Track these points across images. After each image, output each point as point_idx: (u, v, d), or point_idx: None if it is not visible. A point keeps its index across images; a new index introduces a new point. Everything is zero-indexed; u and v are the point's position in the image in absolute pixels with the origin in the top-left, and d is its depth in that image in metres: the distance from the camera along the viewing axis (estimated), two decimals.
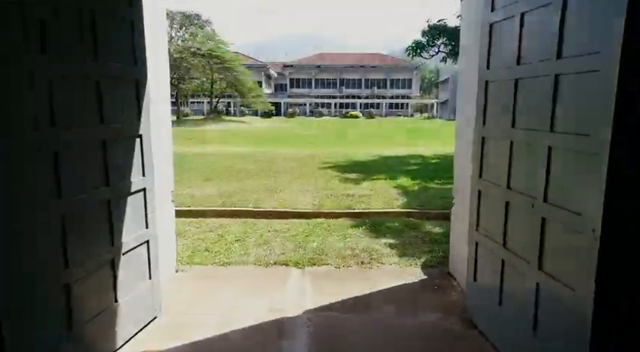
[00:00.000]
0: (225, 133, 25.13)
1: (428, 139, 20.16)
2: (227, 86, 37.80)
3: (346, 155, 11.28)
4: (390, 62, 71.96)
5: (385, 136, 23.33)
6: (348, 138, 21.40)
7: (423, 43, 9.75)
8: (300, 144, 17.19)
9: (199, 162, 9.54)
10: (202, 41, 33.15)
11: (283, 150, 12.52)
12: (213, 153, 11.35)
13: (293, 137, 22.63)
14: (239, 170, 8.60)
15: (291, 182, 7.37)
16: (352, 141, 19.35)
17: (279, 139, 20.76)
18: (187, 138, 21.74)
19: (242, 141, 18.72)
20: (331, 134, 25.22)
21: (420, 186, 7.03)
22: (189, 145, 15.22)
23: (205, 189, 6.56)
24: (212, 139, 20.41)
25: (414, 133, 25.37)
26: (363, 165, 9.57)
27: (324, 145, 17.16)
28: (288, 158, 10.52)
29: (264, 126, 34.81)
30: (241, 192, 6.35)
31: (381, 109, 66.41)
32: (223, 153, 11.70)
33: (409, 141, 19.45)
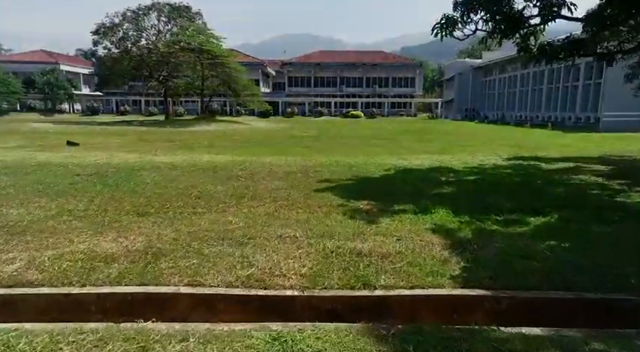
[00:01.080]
0: (213, 135, 22.58)
1: (443, 143, 17.58)
2: (220, 84, 35.26)
3: (351, 167, 8.71)
4: (392, 60, 69.46)
5: (391, 138, 20.77)
6: (350, 141, 18.84)
7: (455, 18, 7.17)
8: (294, 150, 14.63)
9: (148, 181, 6.98)
10: (191, 35, 30.59)
11: (272, 159, 9.95)
12: (180, 165, 8.79)
13: (288, 139, 20.08)
14: (199, 194, 6.04)
15: (269, 219, 4.81)
16: (355, 145, 16.79)
17: (271, 143, 18.20)
18: (169, 141, 19.25)
19: (227, 146, 16.16)
20: (331, 135, 22.67)
21: (471, 226, 4.48)
22: (165, 150, 12.67)
23: (108, 241, 4.03)
24: (196, 143, 17.86)
25: (423, 134, 22.81)
26: (375, 184, 7.00)
27: (323, 151, 14.60)
28: (275, 172, 7.96)
29: (259, 127, 32.25)
30: (177, 248, 3.81)
31: (383, 108, 63.87)
32: (194, 163, 9.13)
33: (422, 144, 16.88)
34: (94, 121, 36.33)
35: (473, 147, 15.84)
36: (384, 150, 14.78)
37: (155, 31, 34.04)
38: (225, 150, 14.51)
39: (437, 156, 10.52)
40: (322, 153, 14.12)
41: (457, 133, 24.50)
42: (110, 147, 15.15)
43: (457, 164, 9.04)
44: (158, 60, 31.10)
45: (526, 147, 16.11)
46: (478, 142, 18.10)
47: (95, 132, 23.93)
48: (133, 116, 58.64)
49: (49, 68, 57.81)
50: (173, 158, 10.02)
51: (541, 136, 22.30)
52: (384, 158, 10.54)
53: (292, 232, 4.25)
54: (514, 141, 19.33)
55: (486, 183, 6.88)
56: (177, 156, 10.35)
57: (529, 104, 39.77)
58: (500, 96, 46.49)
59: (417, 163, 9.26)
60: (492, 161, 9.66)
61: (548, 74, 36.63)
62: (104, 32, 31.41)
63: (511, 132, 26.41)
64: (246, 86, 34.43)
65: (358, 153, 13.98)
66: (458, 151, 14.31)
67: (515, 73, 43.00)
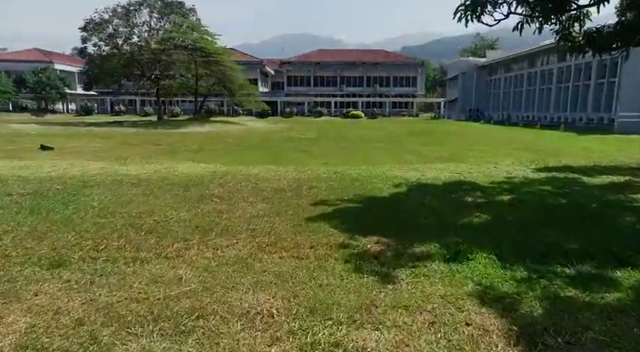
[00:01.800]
0: (205, 137, 21.09)
1: (453, 146, 16.04)
2: (215, 83, 33.77)
3: (353, 181, 7.22)
4: (393, 58, 68.00)
5: (395, 140, 19.27)
6: (351, 144, 17.35)
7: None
8: (290, 156, 13.14)
9: (95, 204, 5.50)
10: (184, 32, 29.10)
11: (260, 170, 8.45)
12: (147, 179, 7.30)
13: (285, 142, 18.58)
14: (153, 225, 4.55)
15: (238, 273, 3.34)
16: (357, 149, 15.31)
17: (266, 146, 16.72)
18: (155, 144, 17.74)
19: (218, 150, 14.67)
20: (331, 137, 21.17)
21: (535, 289, 3.01)
22: (143, 157, 11.16)
23: None
24: (183, 146, 16.39)
25: (429, 136, 21.27)
26: (384, 207, 5.51)
27: (321, 156, 13.13)
28: (261, 189, 6.49)
29: (255, 128, 30.76)
30: (71, 347, 2.35)
31: (384, 108, 62.40)
32: (165, 176, 7.64)
33: (430, 147, 15.37)
34: (84, 122, 34.85)
35: (487, 152, 14.36)
36: (389, 155, 13.31)
37: (147, 28, 32.57)
38: (213, 156, 13.05)
39: (453, 165, 8.99)
40: (320, 159, 12.68)
41: (465, 135, 23.02)
42: (84, 152, 13.69)
43: (479, 177, 7.54)
44: (150, 58, 29.60)
45: (544, 152, 14.63)
46: (491, 146, 16.61)
47: (78, 134, 22.44)
48: (127, 116, 57.17)
49: (42, 66, 56.38)
50: (144, 168, 8.52)
51: (556, 138, 20.80)
52: (391, 167, 9.04)
53: (268, 304, 2.77)
54: (528, 144, 17.84)
55: (527, 206, 5.39)
56: (150, 166, 8.84)
57: (536, 104, 38.25)
58: (506, 96, 44.98)
59: (431, 175, 7.77)
60: (519, 172, 8.17)
61: (557, 72, 35.12)
62: (92, 29, 29.93)
63: (522, 133, 24.92)
64: (242, 86, 32.94)
65: (360, 159, 12.52)
66: (473, 157, 12.84)
67: (522, 72, 41.48)
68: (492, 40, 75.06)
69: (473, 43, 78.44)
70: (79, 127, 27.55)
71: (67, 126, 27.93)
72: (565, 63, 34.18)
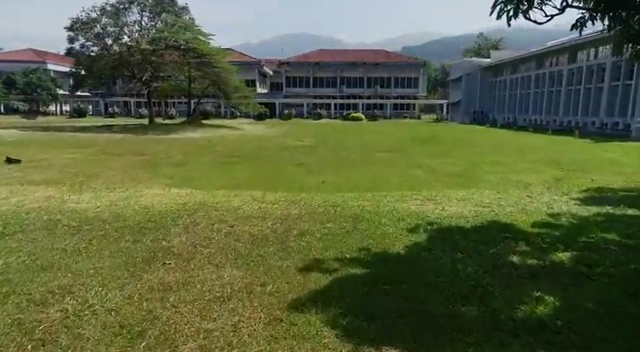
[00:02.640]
0: (194, 145, 19.51)
1: (465, 158, 14.42)
2: (210, 85, 32.22)
3: (356, 221, 5.68)
4: (395, 59, 66.50)
5: (400, 149, 17.64)
6: (352, 154, 15.79)
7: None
8: (283, 171, 11.57)
9: None
10: (176, 32, 27.54)
11: (242, 201, 6.91)
12: (87, 220, 5.73)
13: (280, 151, 16.96)
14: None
15: None
16: (359, 162, 13.76)
17: (259, 157, 15.15)
18: (138, 154, 16.11)
19: (204, 163, 13.10)
20: (330, 145, 19.58)
21: None
22: (121, 171, 9.52)
23: None
24: (167, 157, 14.86)
25: (436, 144, 19.64)
26: (405, 282, 3.93)
27: (318, 171, 11.57)
28: (236, 237, 4.95)
29: (251, 133, 29.21)
30: None
31: (385, 110, 60.92)
32: (115, 215, 6.08)
33: (440, 160, 13.75)
34: (73, 125, 33.28)
35: (504, 166, 12.82)
36: (395, 171, 11.76)
37: (137, 28, 31.02)
38: (196, 172, 11.52)
39: (476, 193, 7.37)
40: (318, 175, 11.16)
41: (475, 142, 21.44)
42: (53, 167, 12.16)
43: (514, 214, 5.97)
44: (140, 59, 28.04)
45: (568, 165, 13.08)
46: (506, 157, 15.06)
47: (60, 140, 20.88)
48: (121, 118, 55.62)
49: (35, 67, 54.86)
50: (100, 199, 6.93)
51: (574, 147, 19.23)
52: (401, 195, 7.46)
53: None
54: (547, 154, 16.28)
55: (603, 278, 3.83)
56: (109, 196, 7.22)
57: (545, 107, 36.70)
58: (512, 98, 43.42)
59: (453, 211, 6.21)
60: (561, 205, 6.60)
61: (568, 74, 33.57)
62: (79, 28, 28.36)
63: (535, 140, 23.36)
64: (238, 88, 31.38)
65: (363, 176, 11.00)
66: (490, 173, 11.29)
67: (529, 73, 39.93)
68: (496, 40, 73.51)
69: (476, 43, 76.89)
70: (63, 133, 25.97)
71: (52, 132, 26.37)
72: (575, 64, 32.66)
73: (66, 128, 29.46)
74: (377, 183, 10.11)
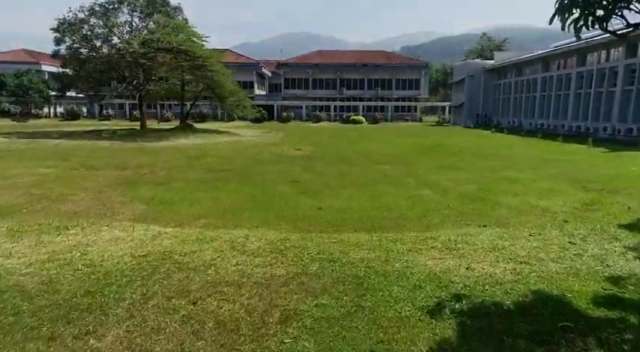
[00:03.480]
0: (183, 156, 18.14)
1: (476, 171, 12.97)
2: (204, 89, 30.88)
3: (360, 297, 4.35)
4: (396, 60, 65.19)
5: (405, 160, 16.22)
6: (352, 169, 14.43)
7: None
8: (274, 191, 10.19)
9: None
10: (167, 34, 26.18)
11: (215, 253, 5.56)
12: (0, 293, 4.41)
13: (275, 163, 15.58)
14: None
15: None
16: (360, 180, 12.40)
17: (249, 172, 13.77)
18: (120, 168, 14.43)
19: (186, 182, 11.70)
20: (329, 156, 18.17)
21: None
22: (95, 192, 8.08)
23: None
24: (150, 172, 13.53)
25: (443, 154, 18.17)
26: None
27: (314, 192, 10.20)
28: (193, 330, 3.64)
29: (245, 138, 27.87)
30: None
31: (386, 112, 59.64)
32: (40, 289, 4.75)
33: (449, 175, 12.34)
34: (60, 130, 31.97)
35: (522, 184, 11.47)
36: (401, 191, 10.41)
37: (128, 29, 29.67)
38: (179, 194, 10.19)
39: (507, 241, 5.92)
40: (314, 197, 9.87)
41: (483, 152, 20.08)
42: (17, 187, 10.81)
43: (565, 279, 4.60)
44: (131, 62, 26.69)
45: (594, 183, 11.76)
46: (522, 173, 13.70)
47: (39, 150, 19.50)
48: (115, 121, 54.27)
49: (27, 68, 53.53)
50: (36, 251, 5.54)
51: (592, 158, 17.86)
52: (414, 240, 6.11)
53: None
54: (564, 167, 14.92)
55: None
56: (49, 246, 5.84)
57: (552, 111, 35.35)
58: (517, 101, 42.08)
59: (483, 271, 4.86)
60: (620, 260, 5.24)
61: (577, 77, 32.22)
62: (65, 29, 27.01)
63: (547, 149, 22.02)
64: (234, 92, 30.03)
65: (366, 199, 9.67)
66: (507, 194, 9.94)
67: (535, 76, 38.57)
68: (499, 41, 72.14)
69: (479, 44, 75.51)
70: (48, 140, 24.61)
71: (35, 139, 25.01)
72: (585, 67, 31.32)
73: (52, 134, 28.10)
74: (382, 210, 8.80)
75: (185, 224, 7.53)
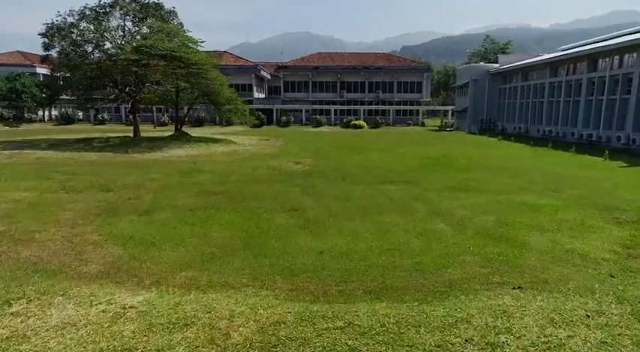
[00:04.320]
0: (175, 171, 16.91)
1: (494, 193, 11.67)
2: (199, 96, 29.71)
3: None
4: (397, 63, 64.02)
5: (412, 177, 14.92)
6: (356, 189, 13.23)
7: None
8: (269, 224, 8.90)
9: None
10: (160, 39, 24.99)
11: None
12: None
13: (270, 183, 14.22)
14: None
15: None
16: (366, 204, 11.21)
17: (243, 196, 12.56)
18: (103, 190, 12.98)
19: (174, 210, 10.50)
20: (330, 171, 16.91)
21: None
22: (67, 226, 6.81)
23: None
24: (135, 196, 12.33)
25: (454, 169, 16.81)
26: None
27: (314, 224, 8.94)
28: None
29: (242, 148, 26.68)
30: None
31: (388, 116, 58.49)
32: None
33: (459, 198, 10.99)
34: (50, 138, 30.75)
35: (548, 215, 10.24)
36: (414, 230, 9.19)
37: (121, 33, 28.48)
38: (161, 229, 9.01)
39: (562, 328, 4.75)
40: (315, 233, 8.75)
41: (493, 165, 18.85)
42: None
43: None
44: (122, 68, 25.51)
45: (625, 211, 10.57)
46: (542, 196, 12.49)
47: (20, 166, 18.26)
48: (110, 125, 53.16)
49: (22, 71, 52.35)
50: None
51: (614, 176, 16.63)
52: (442, 317, 4.93)
53: None
54: (587, 188, 13.70)
55: None
56: None
57: (560, 118, 34.16)
58: (523, 107, 40.90)
59: None
60: None
61: (587, 83, 31.03)
62: (54, 35, 25.82)
63: (561, 162, 20.79)
64: (230, 99, 28.85)
65: (373, 236, 8.51)
66: (531, 228, 8.75)
67: (542, 81, 37.38)
68: (503, 43, 70.95)
69: (482, 46, 74.29)
70: (34, 151, 23.38)
71: (21, 150, 23.78)
72: (597, 73, 30.13)
73: (41, 143, 26.86)
74: (393, 255, 7.67)
75: (162, 280, 6.38)
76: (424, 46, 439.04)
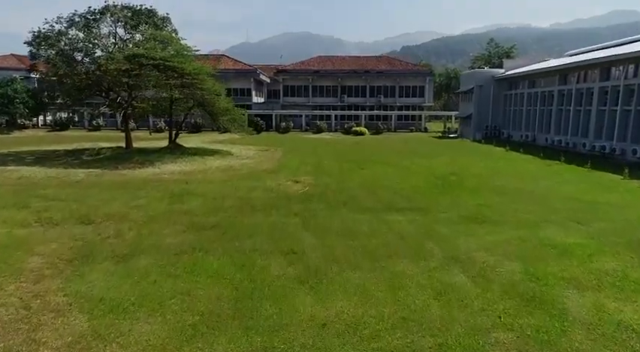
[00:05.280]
0: (166, 193, 15.61)
1: (514, 235, 10.19)
2: (194, 106, 28.48)
3: None
4: (399, 66, 62.76)
5: (422, 208, 13.50)
6: (362, 223, 11.94)
7: None
8: (262, 288, 7.44)
9: None
10: (152, 48, 23.72)
11: None
12: None
13: (266, 212, 12.78)
14: None
15: None
16: (375, 241, 9.94)
17: (234, 229, 11.23)
18: (82, 221, 11.57)
19: (159, 251, 9.11)
20: (332, 194, 15.53)
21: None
22: (30, 281, 5.55)
23: None
24: (116, 230, 11.05)
25: (462, 192, 15.31)
26: None
27: (313, 279, 7.59)
28: None
29: (239, 161, 25.36)
30: None
31: (390, 121, 57.27)
32: None
33: (476, 234, 9.58)
34: (39, 151, 29.43)
35: (582, 265, 8.93)
36: (430, 286, 7.90)
37: (113, 40, 27.22)
38: (139, 284, 7.75)
39: None
40: (313, 288, 7.53)
41: (505, 185, 17.53)
42: None
43: None
44: (112, 78, 24.27)
45: None
46: (571, 236, 11.15)
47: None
48: (105, 131, 51.92)
49: (16, 75, 51.04)
50: None
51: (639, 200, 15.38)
52: None
53: None
54: (617, 221, 12.37)
55: None
56: None
57: (570, 127, 32.89)
58: (529, 114, 39.63)
59: None
60: None
61: (599, 92, 29.77)
62: (40, 43, 24.57)
63: (577, 180, 19.50)
64: (227, 110, 27.59)
65: (380, 292, 7.24)
66: (580, 299, 7.34)
67: (551, 88, 36.11)
68: (507, 47, 69.62)
69: (486, 49, 72.99)
70: (17, 168, 22.04)
71: (3, 166, 22.45)
72: (610, 82, 28.86)
73: (27, 158, 25.55)
74: (408, 324, 6.48)
75: None
76: (424, 46, 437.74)
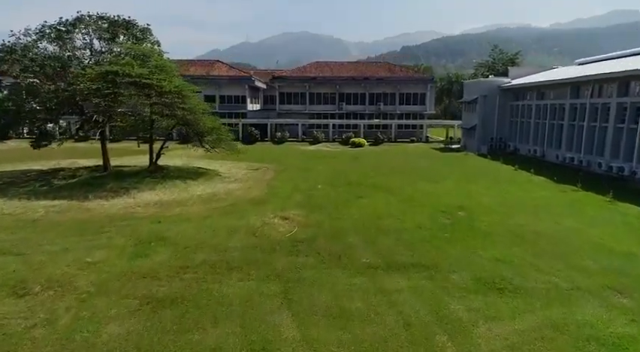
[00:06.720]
0: (124, 244, 13.33)
1: (553, 315, 7.99)
2: (177, 124, 26.24)
3: None
4: (399, 73, 60.52)
5: (430, 264, 11.20)
6: (359, 289, 9.73)
7: None
8: None
9: None
10: (130, 63, 21.45)
11: None
12: None
13: (243, 272, 10.29)
14: None
15: None
16: (376, 327, 7.77)
17: (194, 318, 8.97)
18: (13, 296, 9.47)
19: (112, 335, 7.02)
20: (326, 239, 13.10)
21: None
22: None
23: None
24: (66, 303, 8.80)
25: (476, 237, 13.09)
26: None
27: None
28: None
29: (222, 190, 22.93)
30: None
31: (390, 130, 55.06)
32: None
33: (499, 318, 7.80)
34: (9, 171, 27.19)
35: None
36: None
37: (88, 54, 24.98)
38: None
39: None
40: None
41: (522, 225, 15.33)
42: None
43: None
44: (84, 98, 22.04)
45: None
46: (615, 317, 8.99)
47: None
48: (90, 144, 49.53)
49: None
50: None
51: None
52: None
53: None
54: None
55: None
56: None
57: (584, 144, 30.67)
58: (538, 127, 37.42)
59: None
60: None
61: (617, 108, 27.54)
62: (3, 58, 22.32)
63: (602, 217, 17.24)
64: (213, 129, 25.33)
65: None
66: None
67: (562, 101, 33.88)
68: (512, 53, 67.27)
69: (490, 56, 70.67)
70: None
71: None
72: (629, 98, 26.63)
73: None
74: None
75: None
76: (424, 46, 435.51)
